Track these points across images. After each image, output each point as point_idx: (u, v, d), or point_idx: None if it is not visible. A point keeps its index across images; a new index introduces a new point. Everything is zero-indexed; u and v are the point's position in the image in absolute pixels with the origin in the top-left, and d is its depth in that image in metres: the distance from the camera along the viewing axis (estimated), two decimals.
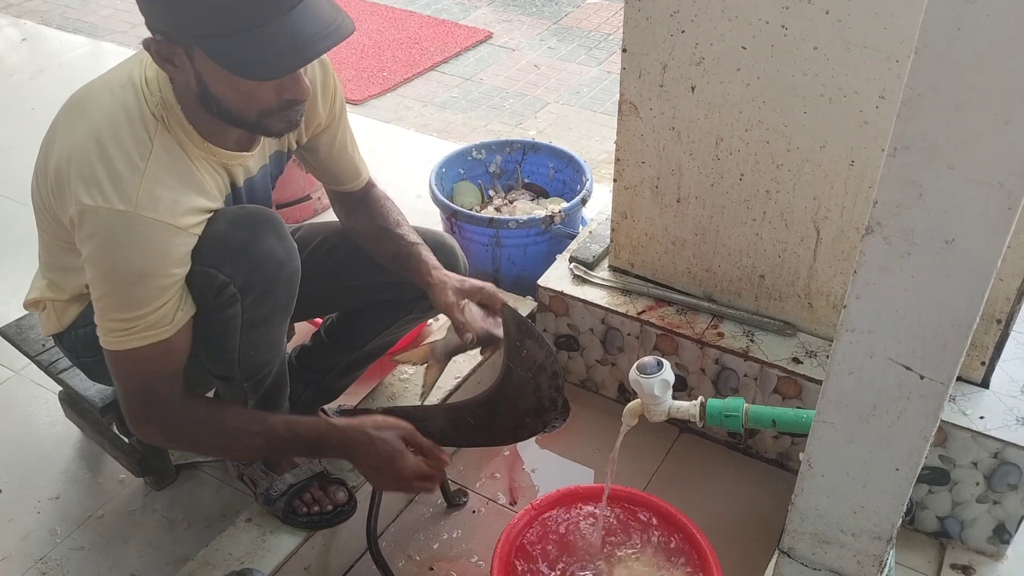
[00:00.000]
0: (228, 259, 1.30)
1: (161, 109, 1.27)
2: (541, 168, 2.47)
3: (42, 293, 1.50)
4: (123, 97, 1.26)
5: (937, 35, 0.72)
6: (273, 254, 1.34)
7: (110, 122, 1.24)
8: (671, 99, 1.71)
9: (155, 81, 1.27)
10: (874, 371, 0.91)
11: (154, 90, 1.27)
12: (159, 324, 1.27)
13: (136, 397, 1.34)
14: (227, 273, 1.30)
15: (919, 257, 0.82)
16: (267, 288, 1.34)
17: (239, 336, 1.36)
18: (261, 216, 1.36)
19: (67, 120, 1.29)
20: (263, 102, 1.24)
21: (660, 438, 1.95)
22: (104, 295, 1.26)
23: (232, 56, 1.15)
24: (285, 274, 1.37)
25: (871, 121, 1.52)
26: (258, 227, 1.34)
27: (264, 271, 1.33)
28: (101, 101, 1.27)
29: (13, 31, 4.05)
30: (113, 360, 1.31)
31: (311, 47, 1.17)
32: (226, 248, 1.30)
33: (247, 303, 1.33)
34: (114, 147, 1.22)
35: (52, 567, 1.68)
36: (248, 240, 1.31)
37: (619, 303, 1.93)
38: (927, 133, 0.76)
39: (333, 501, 1.58)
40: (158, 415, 1.34)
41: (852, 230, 1.65)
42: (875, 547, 1.05)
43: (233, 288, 1.31)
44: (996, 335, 1.59)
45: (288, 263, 1.37)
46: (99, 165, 1.21)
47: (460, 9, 4.46)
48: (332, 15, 1.20)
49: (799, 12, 1.48)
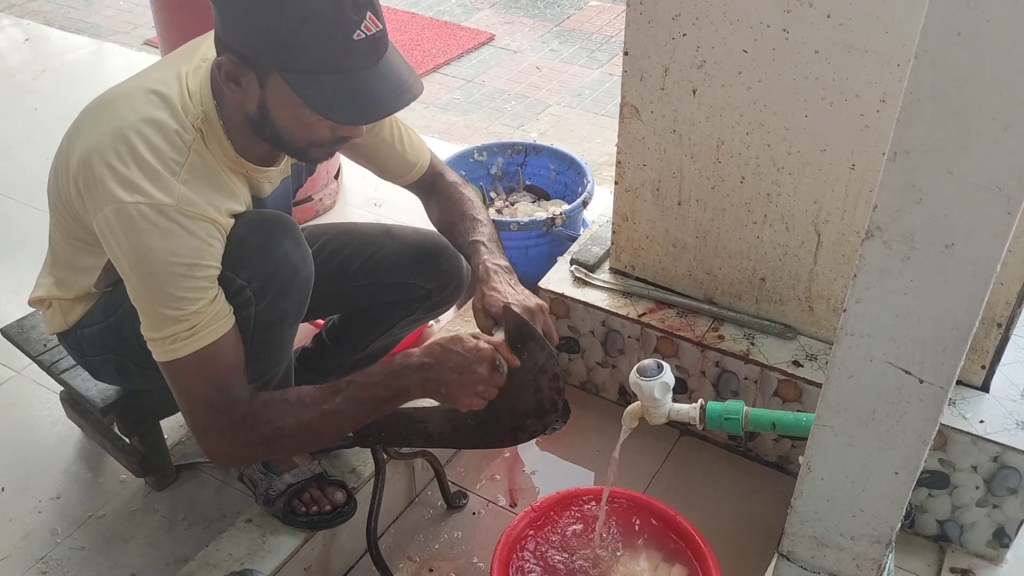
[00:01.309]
0: (245, 263, 1.30)
1: (202, 122, 1.28)
2: (542, 170, 2.47)
3: (48, 291, 1.50)
4: (159, 103, 1.27)
5: (937, 40, 0.72)
6: (289, 258, 1.35)
7: (145, 126, 1.24)
8: (672, 102, 1.72)
9: (198, 94, 1.29)
10: (874, 375, 0.91)
11: (196, 103, 1.28)
12: (219, 317, 1.26)
13: (207, 407, 1.29)
14: (244, 277, 1.30)
15: (919, 261, 0.82)
16: (282, 291, 1.35)
17: (250, 338, 1.36)
18: (278, 221, 1.37)
19: (94, 118, 1.29)
20: (318, 135, 1.29)
21: (660, 441, 1.95)
22: (152, 301, 1.23)
23: (315, 95, 1.20)
24: (301, 278, 1.37)
25: (872, 125, 1.52)
26: (276, 232, 1.35)
27: (280, 275, 1.34)
28: (134, 104, 1.27)
29: (16, 31, 4.05)
30: (175, 372, 1.27)
31: (387, 104, 1.24)
32: (243, 252, 1.30)
33: (261, 306, 1.33)
34: (148, 150, 1.23)
35: (53, 567, 1.68)
36: (265, 244, 1.32)
37: (620, 305, 1.93)
38: (927, 138, 0.76)
39: (331, 502, 1.58)
40: (233, 419, 1.29)
41: (853, 234, 1.65)
42: (874, 550, 1.05)
43: (249, 292, 1.31)
44: (996, 339, 1.59)
45: (303, 268, 1.38)
46: (133, 165, 1.22)
47: (462, 11, 4.47)
48: (407, 74, 1.28)
49: (800, 16, 1.49)
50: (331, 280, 1.68)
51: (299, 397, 1.33)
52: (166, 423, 1.81)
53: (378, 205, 2.75)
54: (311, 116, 1.24)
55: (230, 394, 1.29)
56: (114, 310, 1.45)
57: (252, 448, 1.33)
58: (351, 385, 1.32)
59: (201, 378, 1.28)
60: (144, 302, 1.25)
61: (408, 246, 1.70)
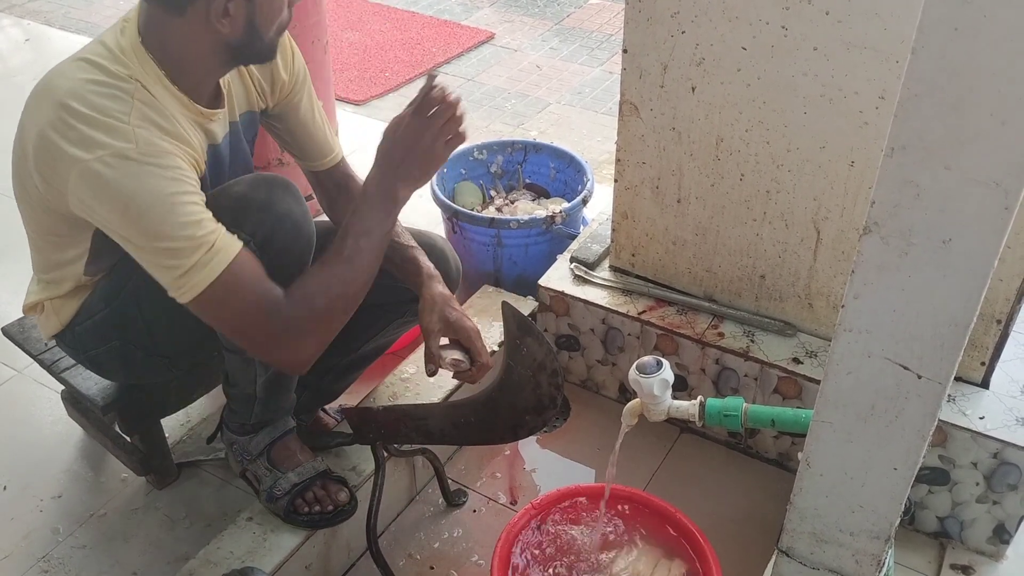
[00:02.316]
0: (248, 217, 1.32)
1: (140, 72, 1.29)
2: (542, 168, 2.47)
3: (38, 295, 1.50)
4: (90, 67, 1.27)
5: (934, 36, 0.72)
6: (292, 214, 1.37)
7: (81, 92, 1.24)
8: (672, 99, 1.72)
9: (130, 50, 1.29)
10: (872, 371, 0.91)
11: (130, 57, 1.29)
12: (223, 240, 1.25)
13: (254, 322, 1.29)
14: (248, 230, 1.31)
15: (917, 257, 0.82)
16: (284, 247, 1.35)
17: None
18: (278, 180, 1.40)
19: (35, 104, 1.29)
20: (281, 13, 1.34)
21: (661, 438, 1.95)
22: (158, 238, 1.22)
23: None
24: (303, 236, 1.39)
25: (871, 122, 1.52)
26: (277, 189, 1.37)
27: (284, 229, 1.35)
28: (66, 75, 1.27)
29: (16, 31, 4.05)
30: (208, 303, 1.26)
31: None
32: (246, 206, 1.32)
33: (265, 261, 1.32)
34: (91, 109, 1.23)
35: (54, 565, 1.69)
36: (268, 200, 1.35)
37: (620, 303, 1.94)
38: (924, 133, 0.76)
39: (334, 501, 1.58)
40: (284, 316, 1.29)
41: (852, 230, 1.65)
42: (873, 546, 1.06)
43: (254, 245, 1.31)
44: (996, 335, 1.59)
45: (305, 226, 1.39)
46: (82, 125, 1.21)
47: (462, 10, 4.47)
48: None
49: (799, 13, 1.49)
50: None
51: (320, 266, 1.36)
52: (167, 422, 1.81)
53: None
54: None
55: (271, 297, 1.29)
56: (116, 295, 1.45)
57: (314, 329, 1.35)
58: (348, 228, 1.37)
59: (242, 291, 1.27)
60: (150, 248, 1.24)
61: None
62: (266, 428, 1.59)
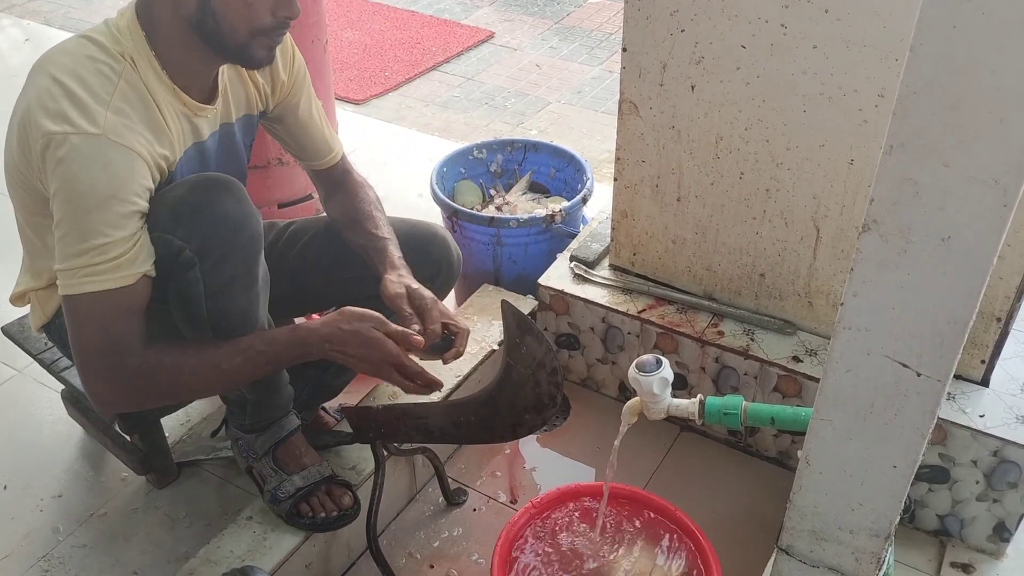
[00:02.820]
0: (181, 223, 1.30)
1: (132, 50, 1.30)
2: (542, 167, 2.47)
3: (25, 285, 1.50)
4: (86, 45, 1.29)
5: (933, 33, 0.72)
6: (228, 216, 1.33)
7: (72, 66, 1.26)
8: (671, 98, 1.72)
9: (126, 30, 1.31)
10: (871, 368, 0.91)
11: (125, 36, 1.30)
12: (122, 266, 1.24)
13: (97, 352, 1.28)
14: (182, 237, 1.29)
15: (916, 254, 0.82)
16: (224, 252, 1.33)
17: (204, 303, 1.35)
18: (216, 181, 1.36)
19: (29, 81, 1.30)
20: (259, 18, 1.31)
21: (661, 436, 1.95)
22: (66, 227, 1.24)
23: None
24: (244, 237, 1.35)
25: (870, 120, 1.52)
26: (213, 191, 1.33)
27: (219, 234, 1.32)
28: (63, 52, 1.29)
29: (16, 31, 4.06)
30: (73, 309, 1.26)
31: None
32: (181, 212, 1.30)
33: (205, 267, 1.31)
34: (76, 84, 1.24)
35: (54, 565, 1.69)
36: (202, 203, 1.31)
37: (620, 302, 1.94)
38: (923, 131, 0.76)
39: (339, 506, 1.57)
40: (125, 366, 1.29)
41: (852, 229, 1.65)
42: (873, 544, 1.06)
43: (189, 252, 1.30)
44: (996, 333, 1.59)
45: (247, 226, 1.35)
46: (63, 99, 1.23)
47: (462, 9, 4.47)
48: None
49: (798, 10, 1.49)
50: (325, 272, 1.68)
51: (197, 351, 1.35)
52: (167, 421, 1.81)
53: None
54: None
55: (126, 342, 1.28)
56: None
57: (143, 394, 1.35)
58: (252, 350, 1.36)
59: (97, 321, 1.27)
60: (59, 230, 1.25)
61: (398, 236, 1.69)
62: (271, 427, 1.58)
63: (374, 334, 1.38)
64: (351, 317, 1.40)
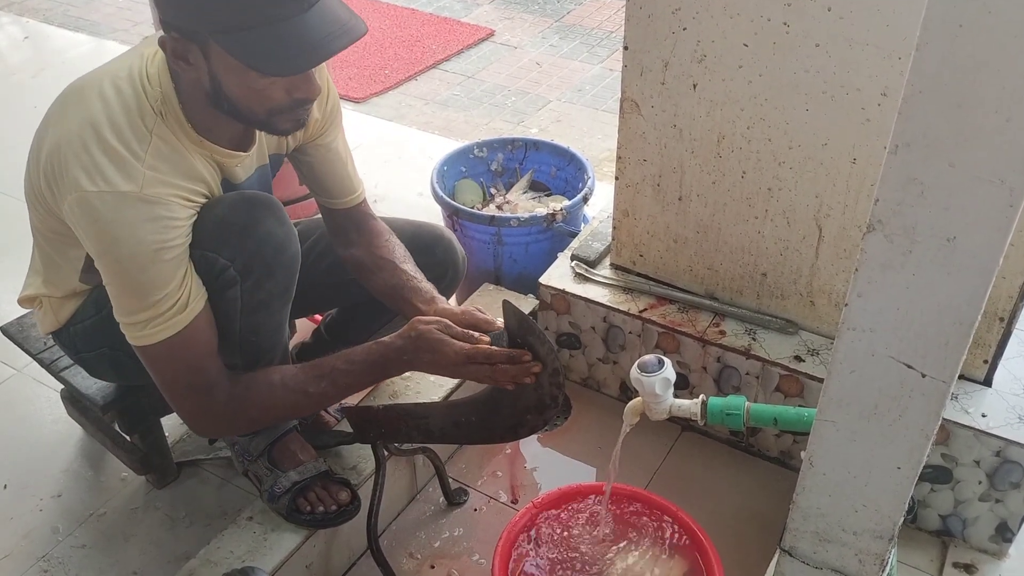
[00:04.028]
0: (227, 243, 1.31)
1: (161, 104, 1.28)
2: (543, 166, 2.46)
3: (37, 290, 1.50)
4: (122, 90, 1.27)
5: (938, 32, 0.71)
6: (272, 237, 1.35)
7: (108, 113, 1.25)
8: (673, 97, 1.71)
9: (156, 77, 1.29)
10: (876, 369, 0.91)
11: (155, 85, 1.29)
12: (184, 306, 1.27)
13: (186, 390, 1.33)
14: (227, 256, 1.31)
15: (920, 255, 0.82)
16: (267, 271, 1.35)
17: (239, 320, 1.36)
18: (259, 200, 1.37)
19: (62, 109, 1.30)
20: (274, 100, 1.27)
21: (662, 437, 1.95)
22: (122, 287, 1.26)
23: (249, 52, 1.18)
24: (286, 257, 1.37)
25: (873, 119, 1.51)
26: (257, 210, 1.35)
27: (263, 254, 1.34)
28: (99, 92, 1.28)
29: (15, 29, 4.05)
30: (151, 358, 1.31)
31: (325, 46, 1.21)
32: (226, 232, 1.31)
33: (247, 286, 1.33)
34: (113, 136, 1.24)
35: (54, 565, 1.68)
36: (247, 223, 1.33)
37: (621, 301, 1.93)
38: (928, 130, 0.76)
39: (336, 501, 1.57)
40: (215, 401, 1.34)
41: (854, 228, 1.65)
42: (877, 546, 1.05)
43: (233, 271, 1.31)
44: (999, 333, 1.59)
45: (288, 247, 1.38)
46: (98, 152, 1.23)
47: (462, 7, 4.46)
48: (346, 17, 1.24)
49: (801, 9, 1.48)
50: (328, 273, 1.68)
51: (283, 380, 1.38)
52: (166, 421, 1.81)
53: (376, 201, 2.75)
54: (258, 80, 1.23)
55: (209, 377, 1.33)
56: (106, 302, 1.45)
57: (237, 425, 1.44)
58: (335, 372, 1.39)
59: (177, 363, 1.31)
60: (113, 288, 1.27)
61: (403, 237, 1.69)
62: (267, 429, 1.58)
63: (437, 335, 1.39)
64: (418, 326, 1.41)
